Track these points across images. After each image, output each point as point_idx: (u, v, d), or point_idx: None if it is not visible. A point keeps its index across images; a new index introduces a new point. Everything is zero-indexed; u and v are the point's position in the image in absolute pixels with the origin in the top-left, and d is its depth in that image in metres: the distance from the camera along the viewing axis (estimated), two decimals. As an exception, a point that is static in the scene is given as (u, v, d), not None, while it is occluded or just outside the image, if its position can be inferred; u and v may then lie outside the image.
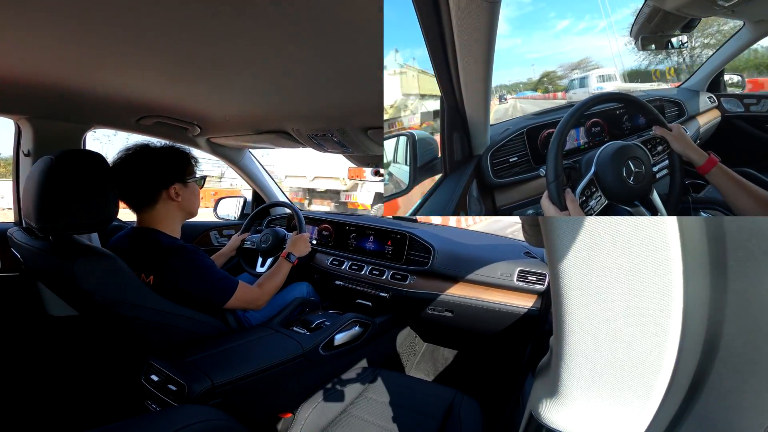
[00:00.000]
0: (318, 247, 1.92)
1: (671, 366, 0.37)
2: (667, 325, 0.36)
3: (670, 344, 0.37)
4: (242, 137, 1.69)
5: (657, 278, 0.35)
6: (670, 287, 0.35)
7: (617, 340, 0.38)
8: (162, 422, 0.65)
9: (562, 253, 0.38)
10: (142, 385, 1.01)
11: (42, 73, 0.95)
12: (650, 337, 0.37)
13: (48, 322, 1.45)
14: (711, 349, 0.37)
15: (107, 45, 0.77)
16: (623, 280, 0.36)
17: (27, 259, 1.09)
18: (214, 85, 1.03)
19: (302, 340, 1.22)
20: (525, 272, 1.45)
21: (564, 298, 0.39)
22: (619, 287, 0.37)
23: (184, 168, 1.22)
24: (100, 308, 0.98)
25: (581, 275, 0.38)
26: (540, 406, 0.44)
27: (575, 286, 0.38)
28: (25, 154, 1.37)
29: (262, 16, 0.62)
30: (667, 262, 0.35)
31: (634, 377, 0.39)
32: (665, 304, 0.36)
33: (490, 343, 1.68)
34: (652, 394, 0.39)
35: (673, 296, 0.35)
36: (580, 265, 0.38)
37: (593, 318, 0.38)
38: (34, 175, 0.95)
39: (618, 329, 0.38)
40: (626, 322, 0.37)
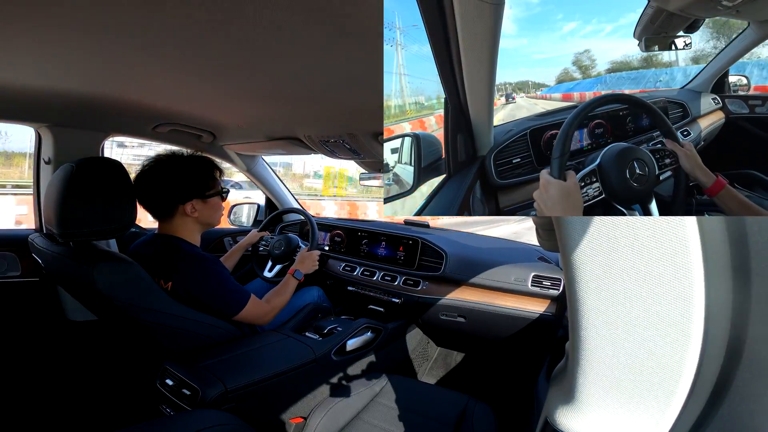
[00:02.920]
0: (330, 253, 1.93)
1: (693, 371, 0.36)
2: (688, 329, 0.35)
3: (692, 349, 0.35)
4: (255, 144, 1.72)
5: (677, 282, 0.34)
6: (692, 291, 0.34)
7: (636, 346, 0.37)
8: (175, 427, 0.65)
9: (577, 256, 0.37)
10: (157, 389, 1.03)
11: (61, 83, 0.98)
12: (671, 342, 0.36)
13: (67, 327, 1.48)
14: (734, 353, 0.35)
15: (124, 54, 0.79)
16: (642, 284, 0.35)
17: (48, 264, 1.12)
18: (227, 92, 1.04)
19: (314, 345, 1.22)
20: (540, 277, 1.43)
21: (580, 302, 0.38)
22: (637, 291, 0.36)
23: (206, 182, 1.21)
24: (118, 312, 0.99)
25: (598, 279, 0.37)
26: (556, 412, 0.43)
27: (592, 290, 0.37)
28: (46, 161, 1.41)
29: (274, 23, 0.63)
30: (687, 265, 0.34)
31: (654, 383, 0.37)
32: (686, 309, 0.35)
33: (503, 349, 1.65)
34: (672, 400, 0.37)
35: (694, 300, 0.34)
36: (596, 269, 0.37)
37: (611, 323, 0.38)
38: (55, 182, 0.98)
39: (637, 334, 0.37)
40: (646, 327, 0.36)
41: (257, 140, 1.65)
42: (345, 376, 1.31)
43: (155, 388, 1.03)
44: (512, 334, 1.48)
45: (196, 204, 1.18)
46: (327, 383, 1.25)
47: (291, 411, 1.12)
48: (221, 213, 1.28)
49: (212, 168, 1.24)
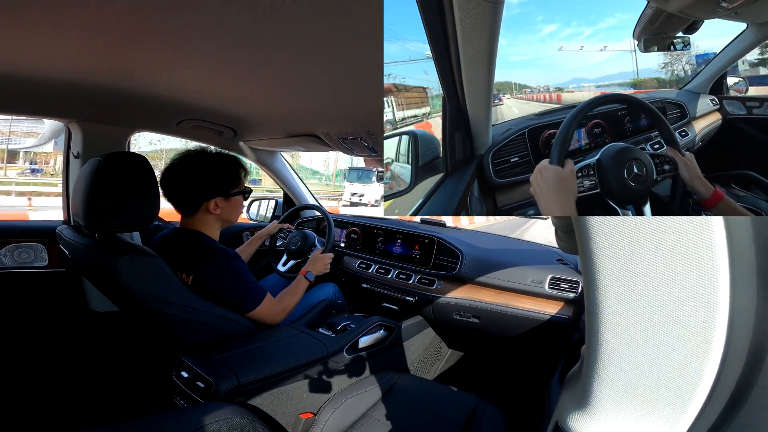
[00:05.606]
0: (346, 250, 1.94)
1: (712, 379, 0.35)
2: (710, 336, 0.34)
3: (713, 356, 0.34)
4: (274, 141, 1.74)
5: (701, 287, 0.33)
6: (716, 297, 0.33)
7: (655, 351, 0.36)
8: (188, 419, 0.67)
9: (598, 258, 0.36)
10: (172, 381, 1.05)
11: (91, 78, 1.01)
12: (691, 348, 0.34)
13: (89, 317, 1.53)
14: (755, 361, 0.34)
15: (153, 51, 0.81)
16: (665, 288, 0.34)
17: (74, 255, 1.16)
18: (249, 88, 1.06)
19: (327, 341, 1.23)
20: (557, 279, 1.40)
21: (599, 306, 0.37)
22: (659, 295, 0.35)
23: (232, 181, 1.23)
24: (139, 304, 1.02)
25: (618, 282, 0.36)
26: (568, 417, 0.42)
27: (611, 293, 0.36)
28: (75, 155, 1.46)
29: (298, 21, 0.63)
30: (713, 269, 0.33)
31: (671, 390, 0.36)
32: (709, 315, 0.33)
33: (516, 351, 1.63)
34: (689, 408, 0.36)
35: (718, 306, 0.33)
36: (617, 272, 0.36)
37: (630, 327, 0.36)
38: (83, 176, 1.01)
39: (656, 339, 0.36)
40: (666, 332, 0.35)
41: (276, 137, 1.67)
42: (356, 373, 1.31)
43: (171, 380, 1.05)
44: (527, 336, 1.45)
45: (219, 202, 1.20)
46: (338, 380, 1.25)
47: (301, 406, 1.13)
48: (241, 212, 1.31)
49: (238, 167, 1.26)
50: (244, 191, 1.28)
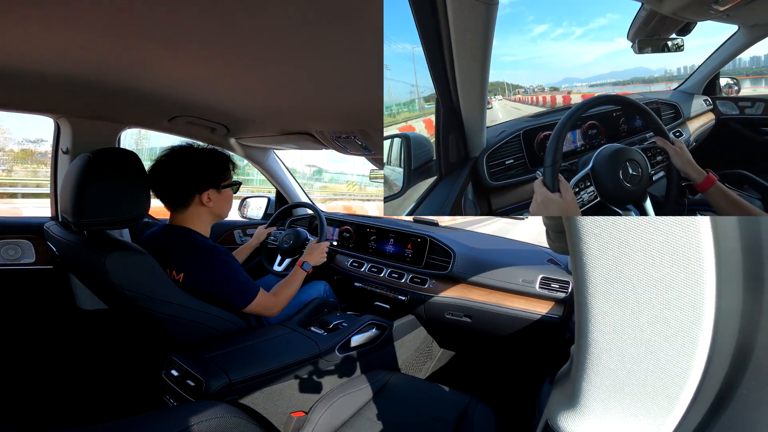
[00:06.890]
0: (338, 249, 1.94)
1: (698, 378, 0.36)
2: (696, 336, 0.34)
3: (699, 356, 0.35)
4: (267, 138, 1.73)
5: (688, 288, 0.34)
6: (702, 298, 0.33)
7: (642, 351, 0.36)
8: (177, 418, 0.66)
9: (587, 258, 0.37)
10: (162, 379, 1.04)
11: (80, 73, 0.99)
12: (678, 348, 0.35)
13: (77, 315, 1.51)
14: (740, 361, 0.35)
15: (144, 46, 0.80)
16: (652, 289, 0.35)
17: (62, 252, 1.14)
18: (242, 85, 1.05)
19: (319, 340, 1.23)
20: (548, 279, 1.41)
21: (588, 305, 0.38)
22: (647, 296, 0.35)
23: (221, 174, 1.24)
24: (129, 302, 1.01)
25: (607, 282, 0.36)
26: (557, 415, 0.42)
27: (600, 293, 0.37)
28: (64, 151, 1.43)
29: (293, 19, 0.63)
30: (700, 271, 0.33)
31: (658, 389, 0.37)
32: (696, 315, 0.34)
33: (508, 350, 1.64)
34: (675, 406, 0.37)
35: (704, 307, 0.34)
36: (606, 272, 0.36)
37: (618, 328, 0.37)
38: (72, 172, 0.99)
39: (644, 339, 0.36)
40: (653, 332, 0.36)
41: (270, 134, 1.66)
42: (348, 372, 1.31)
43: (160, 379, 1.04)
44: (518, 335, 1.46)
45: (212, 194, 1.21)
46: (330, 378, 1.25)
47: (293, 405, 1.13)
48: (231, 205, 1.31)
49: (227, 160, 1.28)
50: (234, 184, 1.29)
